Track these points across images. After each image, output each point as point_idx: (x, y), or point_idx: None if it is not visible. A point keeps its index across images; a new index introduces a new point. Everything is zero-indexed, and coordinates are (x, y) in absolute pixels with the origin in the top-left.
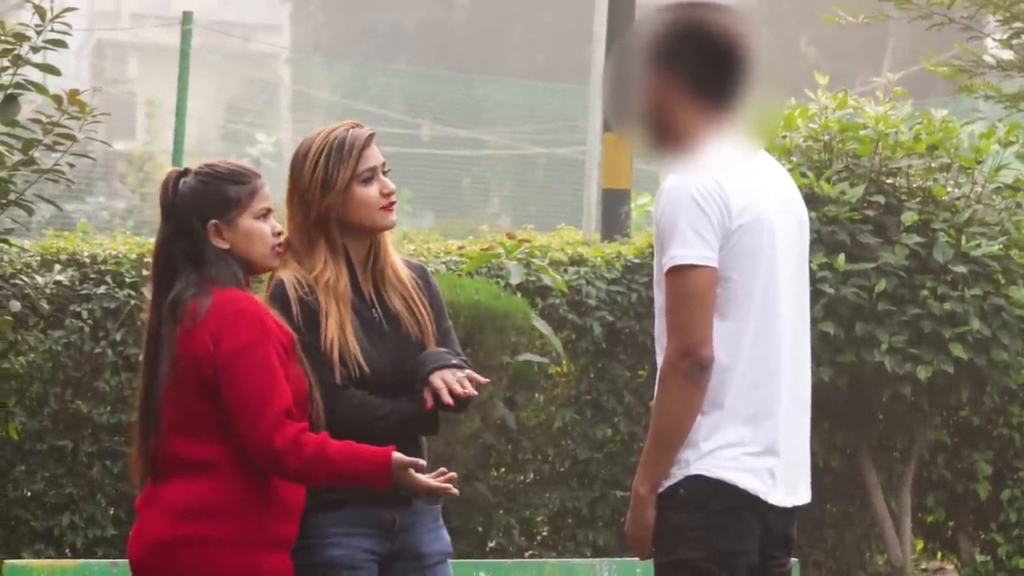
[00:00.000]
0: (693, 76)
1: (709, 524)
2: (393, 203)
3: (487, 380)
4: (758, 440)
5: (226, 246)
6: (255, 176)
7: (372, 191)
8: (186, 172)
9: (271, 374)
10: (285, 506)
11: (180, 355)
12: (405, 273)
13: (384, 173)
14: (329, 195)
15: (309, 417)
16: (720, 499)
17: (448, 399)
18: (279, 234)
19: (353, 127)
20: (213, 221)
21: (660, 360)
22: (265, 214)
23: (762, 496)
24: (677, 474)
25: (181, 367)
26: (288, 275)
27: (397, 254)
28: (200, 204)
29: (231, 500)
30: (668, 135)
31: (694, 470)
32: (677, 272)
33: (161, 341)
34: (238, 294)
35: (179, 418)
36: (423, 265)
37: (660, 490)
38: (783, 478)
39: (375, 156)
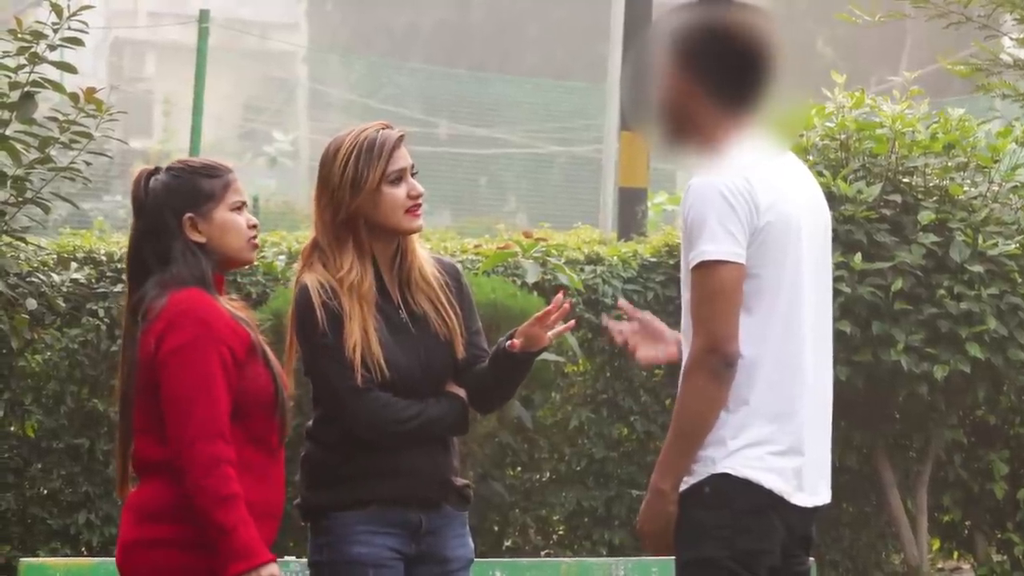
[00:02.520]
0: (716, 75)
1: (734, 523)
2: (419, 205)
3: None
4: (783, 439)
5: (202, 239)
6: (227, 170)
7: (400, 192)
8: (157, 170)
9: (206, 377)
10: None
11: (140, 358)
12: (433, 275)
13: (413, 175)
14: (359, 196)
15: (276, 420)
16: (745, 498)
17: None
18: (254, 227)
19: (383, 128)
20: (188, 214)
21: (686, 357)
22: (240, 207)
23: (786, 497)
24: (703, 472)
25: (140, 370)
26: (312, 279)
27: (428, 254)
28: (173, 199)
29: (185, 502)
30: (690, 134)
31: (720, 468)
32: (705, 268)
33: (129, 344)
34: (193, 294)
35: (143, 421)
36: (456, 265)
37: (684, 487)
38: (806, 478)
39: (404, 157)
